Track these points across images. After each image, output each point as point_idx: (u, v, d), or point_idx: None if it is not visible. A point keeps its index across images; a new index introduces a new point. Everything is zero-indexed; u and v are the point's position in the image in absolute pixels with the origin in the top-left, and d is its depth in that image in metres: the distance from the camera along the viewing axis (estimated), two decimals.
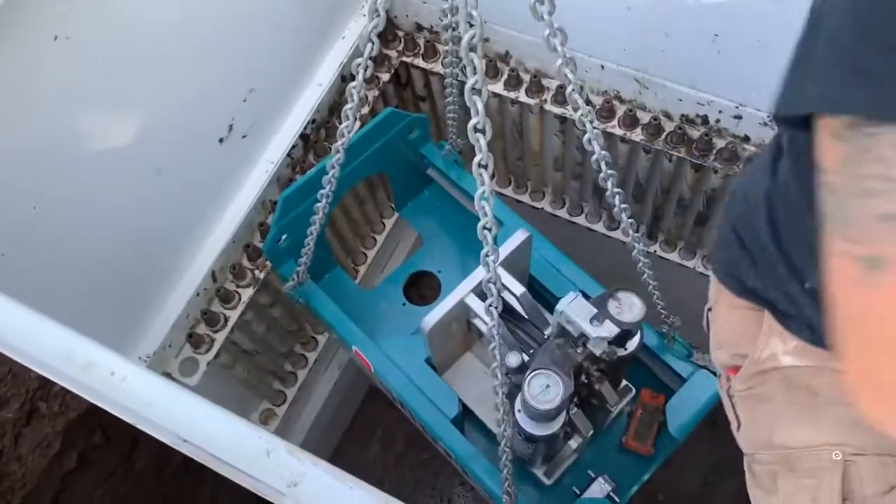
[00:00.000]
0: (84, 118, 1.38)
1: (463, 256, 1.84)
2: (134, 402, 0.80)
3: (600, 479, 1.49)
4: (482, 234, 0.98)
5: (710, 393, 1.49)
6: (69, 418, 1.69)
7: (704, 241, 2.12)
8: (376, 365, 1.57)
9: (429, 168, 1.84)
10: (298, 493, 0.76)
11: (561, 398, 1.22)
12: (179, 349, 1.72)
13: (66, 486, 1.75)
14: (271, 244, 1.59)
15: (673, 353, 1.56)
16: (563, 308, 1.26)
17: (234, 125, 1.68)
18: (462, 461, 1.49)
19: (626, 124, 1.80)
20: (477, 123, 0.89)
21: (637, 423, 1.55)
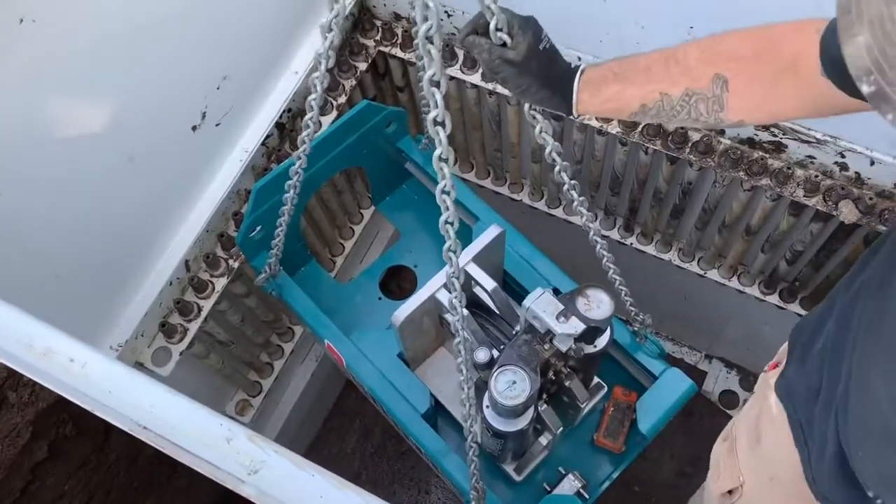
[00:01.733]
0: (52, 104, 1.36)
1: (439, 251, 1.82)
2: (93, 389, 0.80)
3: (570, 475, 1.50)
4: (444, 229, 0.98)
5: (681, 392, 1.50)
6: (39, 408, 1.66)
7: (680, 234, 2.13)
8: (348, 359, 1.57)
9: (406, 162, 1.83)
10: (259, 480, 0.76)
11: (527, 395, 1.22)
12: (152, 339, 1.70)
13: (37, 476, 1.73)
14: (244, 236, 1.58)
15: (645, 350, 1.56)
16: (529, 304, 1.27)
17: (207, 113, 1.66)
18: (432, 456, 1.49)
19: (602, 117, 1.80)
20: (437, 116, 0.88)
21: (608, 420, 1.55)
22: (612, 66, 1.02)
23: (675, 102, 0.99)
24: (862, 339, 0.92)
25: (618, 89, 1.01)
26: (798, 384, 1.13)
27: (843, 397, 0.96)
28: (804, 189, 1.67)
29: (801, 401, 1.12)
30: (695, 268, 2.16)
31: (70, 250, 1.49)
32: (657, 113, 1.01)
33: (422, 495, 2.72)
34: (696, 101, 0.97)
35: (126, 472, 1.97)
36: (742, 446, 1.30)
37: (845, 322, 0.99)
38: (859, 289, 0.99)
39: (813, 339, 1.11)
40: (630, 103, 1.01)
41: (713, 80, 0.95)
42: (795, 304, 2.09)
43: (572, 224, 2.24)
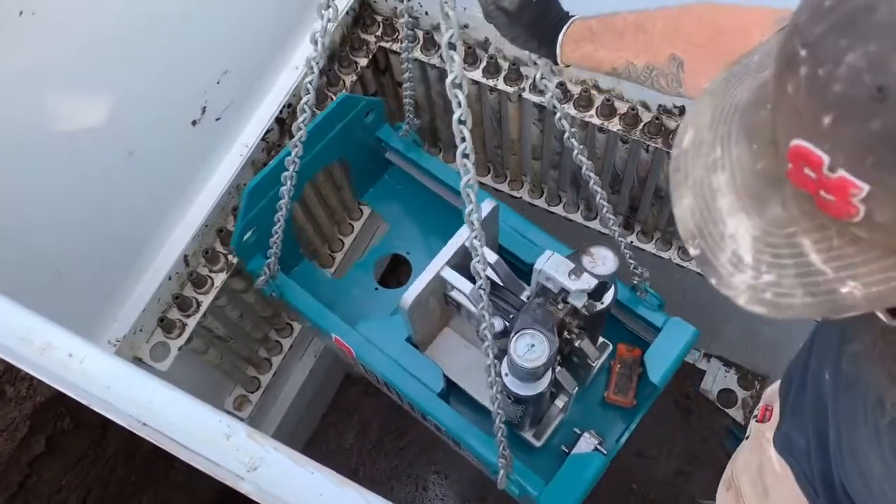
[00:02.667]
0: (51, 98, 1.35)
1: (429, 236, 1.86)
2: (92, 384, 0.79)
3: (586, 434, 1.52)
4: (468, 221, 1.02)
5: (686, 339, 1.55)
6: (37, 402, 1.66)
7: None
8: (358, 350, 1.57)
9: (387, 151, 1.85)
10: (258, 477, 0.75)
11: (547, 355, 1.25)
12: (150, 334, 1.70)
13: (34, 470, 1.73)
14: (238, 240, 1.58)
15: (645, 304, 1.60)
16: (541, 266, 1.30)
17: (207, 107, 1.65)
18: (454, 433, 1.50)
19: (604, 114, 1.80)
20: (460, 116, 0.91)
21: (616, 376, 1.59)
22: (592, 23, 1.06)
23: (639, 72, 1.02)
24: (843, 398, 0.89)
25: (592, 49, 1.05)
26: (797, 438, 1.11)
27: (838, 455, 0.93)
28: None
29: (803, 455, 1.10)
30: (695, 266, 2.16)
31: (69, 245, 1.48)
32: (627, 77, 1.05)
33: (419, 491, 2.72)
34: (657, 74, 1.01)
35: (124, 467, 1.97)
36: (749, 497, 1.29)
37: (821, 372, 0.98)
38: (831, 336, 0.96)
39: (802, 388, 1.09)
40: (602, 65, 1.06)
41: (670, 59, 0.98)
42: None
43: (572, 221, 2.24)
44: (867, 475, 0.84)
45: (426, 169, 1.80)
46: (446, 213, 1.83)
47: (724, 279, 0.60)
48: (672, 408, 2.75)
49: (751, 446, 1.33)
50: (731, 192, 0.58)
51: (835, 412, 0.92)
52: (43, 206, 1.40)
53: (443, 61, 1.90)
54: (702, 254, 0.61)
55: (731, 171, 0.58)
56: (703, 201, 0.60)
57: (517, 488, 1.41)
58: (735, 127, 0.59)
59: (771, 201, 0.56)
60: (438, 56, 1.91)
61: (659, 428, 2.72)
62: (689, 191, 0.61)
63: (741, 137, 0.58)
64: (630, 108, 1.76)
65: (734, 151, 0.59)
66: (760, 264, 0.57)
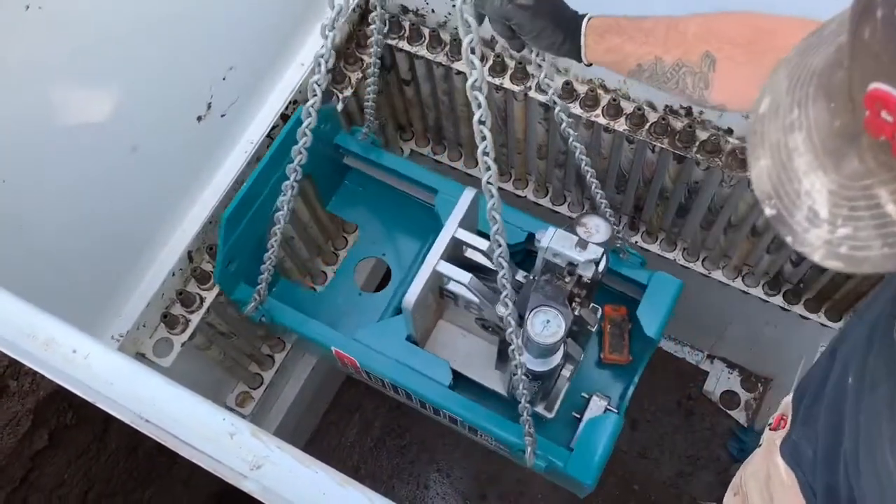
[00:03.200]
0: (56, 92, 1.35)
1: (400, 234, 1.87)
2: (95, 380, 0.79)
3: (594, 397, 1.56)
4: (491, 216, 1.03)
5: (673, 291, 1.60)
6: (40, 397, 1.66)
7: (685, 233, 2.12)
8: (361, 359, 1.57)
9: (345, 157, 1.85)
10: (261, 475, 0.75)
11: (564, 329, 1.28)
12: (154, 329, 1.70)
13: (37, 465, 1.73)
14: (221, 271, 1.56)
15: (628, 264, 1.64)
16: (546, 243, 1.33)
17: (212, 103, 1.65)
18: (472, 422, 1.52)
19: (610, 114, 1.79)
20: (481, 116, 0.93)
21: (609, 336, 1.65)
22: (619, 19, 1.05)
23: (666, 69, 1.01)
24: (867, 400, 0.90)
25: (619, 42, 1.04)
26: (805, 448, 1.12)
27: (853, 461, 0.93)
28: None
29: (809, 465, 1.10)
30: (699, 267, 2.15)
31: (72, 240, 1.48)
32: (650, 75, 1.03)
33: (421, 490, 2.72)
34: (685, 73, 1.00)
35: (126, 462, 1.97)
36: None
37: (844, 378, 0.98)
38: (857, 341, 0.98)
39: (817, 396, 1.10)
40: (628, 59, 1.04)
41: (703, 56, 0.97)
42: (800, 305, 2.09)
43: None
44: (885, 477, 0.84)
45: (388, 167, 1.80)
46: (413, 208, 1.85)
47: (799, 236, 0.61)
48: (675, 409, 2.75)
49: (762, 454, 1.33)
50: (809, 151, 0.59)
51: (854, 414, 0.92)
52: (46, 201, 1.40)
53: (449, 59, 1.91)
54: (777, 213, 0.62)
55: (807, 131, 0.60)
56: (779, 162, 0.61)
57: (543, 462, 1.44)
58: (812, 89, 0.60)
59: (847, 156, 0.57)
60: (444, 54, 1.90)
61: (661, 429, 2.72)
62: (766, 152, 0.63)
63: (818, 98, 0.59)
64: (636, 108, 1.76)
65: (811, 112, 0.60)
66: (836, 218, 0.58)
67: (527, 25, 1.04)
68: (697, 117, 1.74)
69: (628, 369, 1.65)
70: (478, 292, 1.41)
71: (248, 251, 1.60)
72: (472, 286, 1.40)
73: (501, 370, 1.61)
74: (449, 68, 1.93)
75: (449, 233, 1.46)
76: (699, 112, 1.73)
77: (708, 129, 1.74)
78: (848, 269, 0.59)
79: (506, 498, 2.65)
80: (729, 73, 0.97)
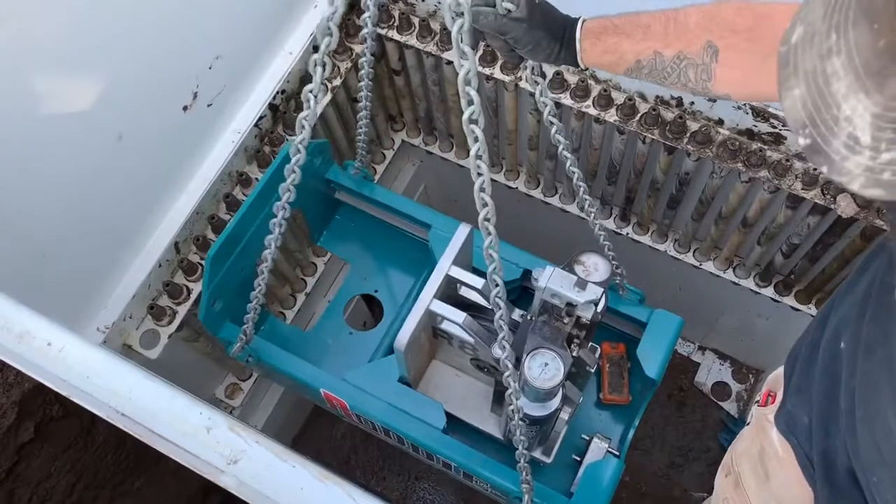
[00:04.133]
0: (38, 80, 1.33)
1: (393, 269, 1.80)
2: (70, 374, 0.78)
3: (595, 439, 1.51)
4: (483, 227, 0.96)
5: (674, 329, 1.55)
6: (25, 389, 1.65)
7: (676, 225, 2.11)
8: (351, 401, 1.51)
9: (336, 192, 1.79)
10: (238, 470, 0.74)
11: (563, 371, 1.23)
12: (140, 321, 1.68)
13: (23, 457, 1.72)
14: (207, 312, 1.51)
15: (627, 302, 1.59)
16: (545, 283, 1.27)
17: (198, 93, 1.63)
18: (468, 468, 1.46)
19: (601, 105, 1.78)
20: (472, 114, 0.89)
21: (608, 376, 1.60)
22: (613, 19, 1.04)
23: (666, 63, 1.00)
24: (861, 364, 0.90)
25: (615, 41, 1.02)
26: (800, 416, 1.11)
27: (849, 423, 0.94)
28: (802, 182, 1.65)
29: (805, 433, 1.10)
30: (690, 259, 2.15)
31: (56, 230, 1.46)
32: (650, 71, 1.02)
33: (412, 481, 2.72)
34: (687, 65, 0.98)
35: (114, 454, 1.96)
36: (749, 483, 1.28)
37: (836, 343, 0.98)
38: (850, 308, 0.98)
39: (810, 362, 1.09)
40: (626, 57, 1.02)
41: (705, 47, 0.96)
42: (790, 297, 2.08)
43: (568, 213, 2.22)
44: (883, 439, 0.84)
45: (381, 202, 1.74)
46: (405, 243, 1.79)
47: (836, 164, 0.59)
48: (666, 400, 2.75)
49: (752, 431, 1.32)
50: (849, 74, 0.58)
51: (849, 378, 0.92)
52: (29, 190, 1.38)
53: (439, 48, 1.89)
54: (812, 142, 0.60)
55: (847, 54, 0.58)
56: (815, 89, 0.60)
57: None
58: (852, 12, 0.59)
59: (893, 76, 0.56)
60: (434, 43, 1.89)
61: (652, 420, 2.72)
62: (800, 81, 0.61)
63: (859, 20, 0.58)
64: (627, 99, 1.74)
65: (851, 35, 0.58)
66: (879, 143, 0.57)
67: (523, 38, 1.02)
68: (688, 108, 1.73)
69: (628, 409, 1.60)
70: (473, 332, 1.35)
71: (233, 289, 1.55)
72: (467, 326, 1.34)
73: (497, 413, 1.54)
74: (439, 58, 1.91)
75: (443, 271, 1.40)
76: (690, 103, 1.71)
77: (699, 119, 1.73)
78: (889, 196, 0.57)
79: None
80: (732, 63, 0.95)
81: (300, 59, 1.83)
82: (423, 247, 1.73)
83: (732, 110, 1.66)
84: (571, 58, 1.06)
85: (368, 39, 1.34)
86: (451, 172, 2.39)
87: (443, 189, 2.64)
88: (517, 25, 1.00)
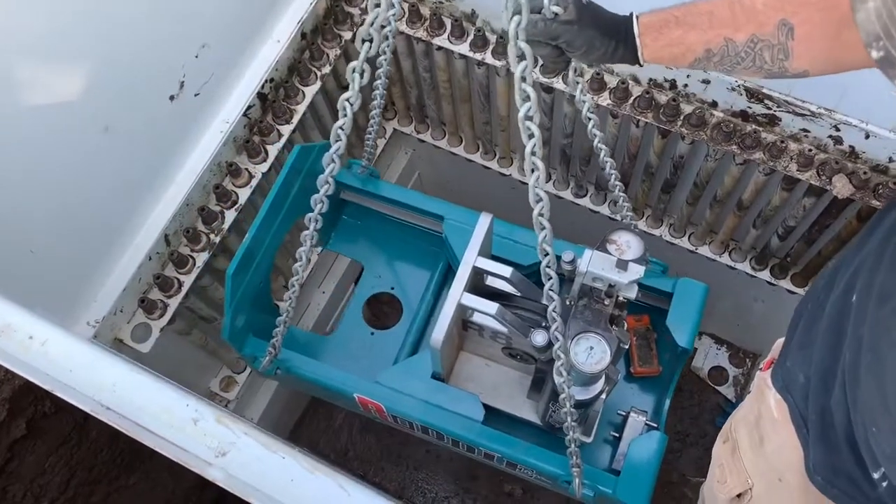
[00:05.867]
0: (22, 71, 1.31)
1: (406, 265, 1.78)
2: (52, 367, 0.76)
3: (632, 413, 1.50)
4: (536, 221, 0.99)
5: (700, 295, 1.54)
6: (15, 385, 1.63)
7: (671, 209, 2.10)
8: (387, 403, 1.49)
9: (341, 192, 1.77)
10: (227, 462, 0.73)
11: (609, 354, 1.22)
12: (132, 314, 1.67)
13: (15, 454, 1.71)
14: (231, 329, 1.50)
15: (651, 273, 1.56)
16: (586, 268, 1.25)
17: (185, 82, 1.61)
18: (513, 458, 1.45)
19: (594, 88, 1.76)
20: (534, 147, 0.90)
21: (636, 349, 1.59)
22: (671, 10, 1.00)
23: (739, 49, 0.96)
24: (873, 313, 0.90)
25: (680, 34, 0.99)
26: (797, 374, 1.10)
27: (853, 372, 0.93)
28: (797, 163, 1.64)
29: (801, 391, 1.09)
30: (686, 243, 2.13)
31: (42, 224, 1.44)
32: (721, 59, 0.98)
33: (410, 471, 2.71)
34: (762, 48, 0.95)
35: (109, 449, 1.95)
36: (745, 448, 1.28)
37: (846, 297, 0.97)
38: (863, 260, 0.97)
39: (814, 319, 1.08)
40: (694, 48, 0.99)
41: (778, 26, 0.93)
42: (787, 280, 2.07)
43: (562, 199, 2.20)
44: (891, 385, 0.83)
45: (391, 199, 1.72)
46: (416, 238, 1.77)
47: None
48: None
49: (752, 397, 1.32)
50: None
51: (857, 328, 0.92)
52: (14, 183, 1.36)
53: (429, 35, 1.87)
54: (886, 54, 0.60)
55: None
56: (891, 0, 0.59)
57: (591, 491, 1.38)
58: None
59: None
60: (424, 30, 1.86)
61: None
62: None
63: None
64: (620, 82, 1.72)
65: None
66: None
67: (576, 41, 0.99)
68: (682, 91, 1.71)
69: (659, 381, 1.59)
70: (507, 322, 1.34)
71: (251, 302, 1.54)
72: (500, 316, 1.33)
73: (534, 399, 1.53)
74: (429, 44, 1.89)
75: (469, 263, 1.39)
76: (683, 85, 1.69)
77: (692, 102, 1.71)
78: None
79: (495, 478, 2.64)
80: (809, 37, 0.92)
81: (288, 46, 1.80)
82: (435, 239, 1.72)
83: (726, 92, 1.64)
84: (631, 55, 1.02)
85: (390, 37, 1.33)
86: (444, 160, 2.37)
87: (437, 176, 2.62)
88: (568, 28, 0.97)
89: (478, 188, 2.44)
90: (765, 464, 1.23)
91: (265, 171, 1.79)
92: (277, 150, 1.82)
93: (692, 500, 2.57)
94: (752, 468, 1.26)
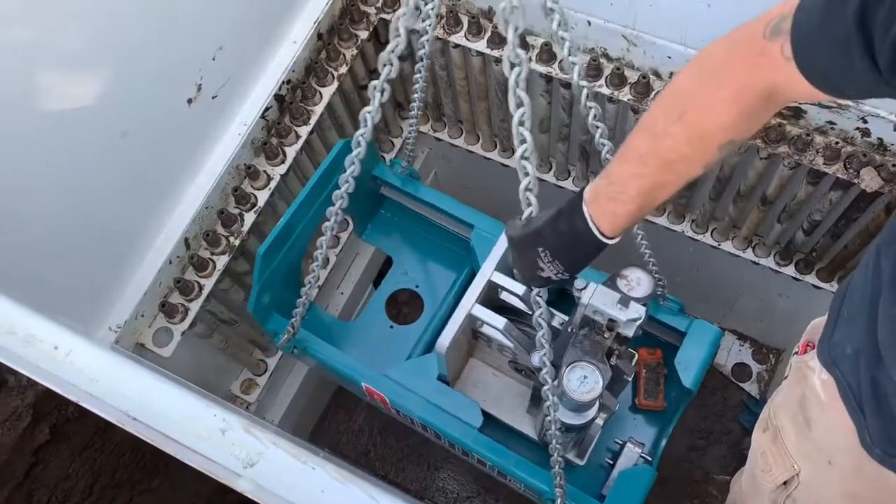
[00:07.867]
0: (41, 78, 1.31)
1: (434, 266, 1.84)
2: (78, 377, 0.75)
3: (628, 444, 1.53)
4: None
5: (712, 340, 1.55)
6: (39, 390, 1.64)
7: (693, 204, 2.07)
8: (391, 396, 1.55)
9: (381, 187, 1.84)
10: (256, 473, 0.71)
11: (601, 386, 1.25)
12: (153, 319, 1.66)
13: (40, 459, 1.71)
14: (256, 303, 1.56)
15: (667, 310, 1.59)
16: (587, 301, 1.28)
17: (202, 85, 1.60)
18: (502, 467, 1.48)
19: (614, 83, 1.73)
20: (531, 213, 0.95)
21: (644, 382, 1.61)
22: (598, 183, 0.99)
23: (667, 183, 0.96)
24: None
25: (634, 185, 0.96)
26: (844, 346, 1.05)
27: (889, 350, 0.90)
28: (824, 156, 1.60)
29: (850, 364, 1.04)
30: (708, 239, 2.10)
31: (64, 230, 1.44)
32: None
33: (431, 471, 2.70)
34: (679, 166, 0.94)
35: (132, 453, 1.95)
36: (790, 434, 1.24)
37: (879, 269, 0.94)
38: None
39: (863, 288, 1.04)
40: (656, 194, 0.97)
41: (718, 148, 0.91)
42: (812, 275, 2.03)
43: None
44: None
45: (425, 200, 1.79)
46: (447, 241, 1.83)
47: None
48: None
49: (791, 381, 1.27)
50: None
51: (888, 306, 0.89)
52: (34, 190, 1.36)
53: (446, 32, 1.85)
54: None
55: None
56: None
57: None
58: None
59: None
60: (441, 27, 1.84)
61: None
62: None
63: None
64: (641, 77, 1.70)
65: None
66: None
67: (571, 279, 1.05)
68: None
69: (662, 416, 1.61)
70: (512, 337, 1.39)
71: (280, 281, 1.60)
72: (507, 331, 1.38)
73: (533, 414, 1.57)
74: (446, 42, 1.87)
75: (485, 276, 1.44)
76: None
77: None
78: None
79: None
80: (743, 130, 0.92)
81: (305, 47, 1.79)
82: (464, 244, 1.77)
83: None
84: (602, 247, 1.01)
85: (426, 45, 1.35)
86: (461, 159, 2.35)
87: (454, 176, 2.60)
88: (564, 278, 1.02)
89: (496, 186, 2.42)
90: (812, 447, 1.19)
91: (283, 174, 1.79)
92: (295, 151, 1.81)
93: (716, 498, 2.54)
94: (797, 453, 1.22)
